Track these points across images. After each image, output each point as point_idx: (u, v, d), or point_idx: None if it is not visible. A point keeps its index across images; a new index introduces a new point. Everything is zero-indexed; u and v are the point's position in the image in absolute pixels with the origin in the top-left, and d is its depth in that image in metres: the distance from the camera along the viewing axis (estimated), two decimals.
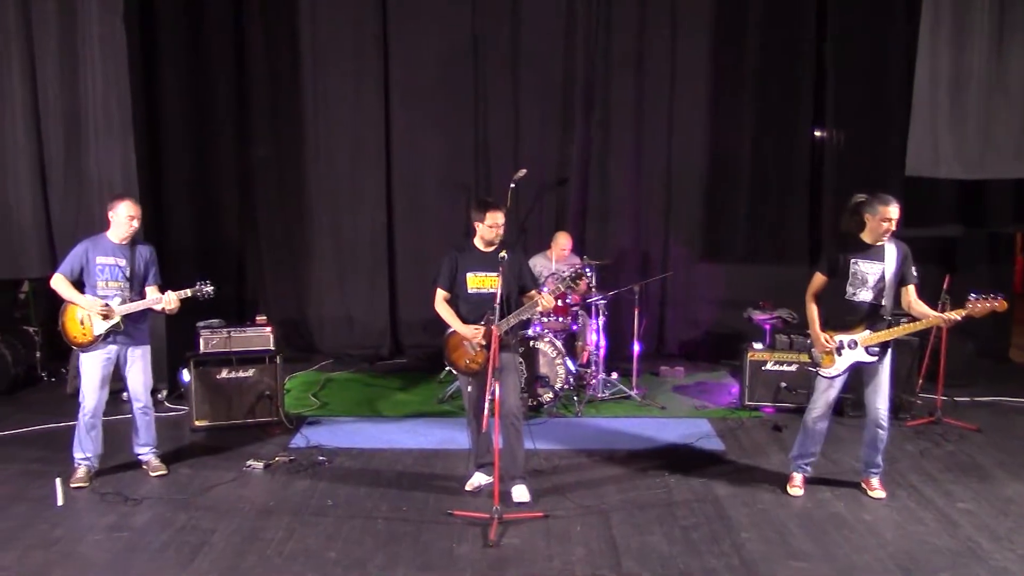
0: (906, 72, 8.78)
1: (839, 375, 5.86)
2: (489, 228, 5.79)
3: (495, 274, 5.72)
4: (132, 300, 6.12)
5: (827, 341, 5.82)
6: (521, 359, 6.07)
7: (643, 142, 10.20)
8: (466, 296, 5.89)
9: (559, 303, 8.02)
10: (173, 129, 9.78)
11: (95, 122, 8.46)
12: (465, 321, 5.85)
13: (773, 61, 9.98)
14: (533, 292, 5.92)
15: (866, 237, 5.76)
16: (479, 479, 6.08)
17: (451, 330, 5.92)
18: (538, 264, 8.73)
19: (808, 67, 9.94)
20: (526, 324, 5.99)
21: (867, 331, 5.73)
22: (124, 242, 6.13)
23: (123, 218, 6.08)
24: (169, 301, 6.11)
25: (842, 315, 5.81)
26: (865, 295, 5.74)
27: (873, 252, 5.73)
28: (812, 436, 6.00)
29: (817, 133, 10.03)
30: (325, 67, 10.16)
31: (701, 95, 10.11)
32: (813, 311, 5.94)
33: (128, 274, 6.13)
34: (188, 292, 6.23)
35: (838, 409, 7.47)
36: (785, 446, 6.71)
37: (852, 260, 5.75)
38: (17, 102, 8.41)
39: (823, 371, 5.91)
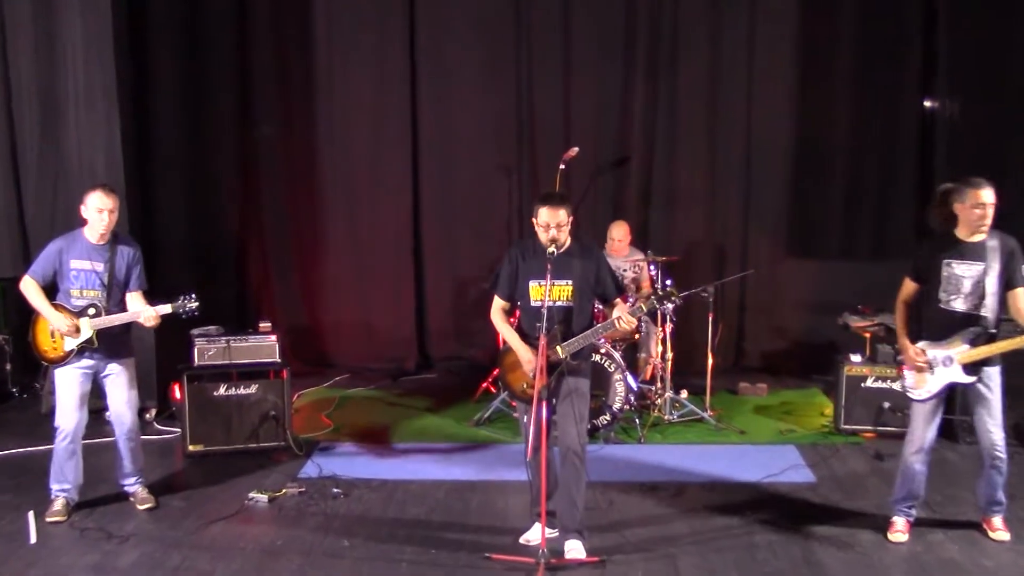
0: None
1: (931, 398, 5.75)
2: (542, 229, 5.51)
3: (564, 282, 5.51)
4: (110, 311, 6.14)
5: (917, 356, 5.75)
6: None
7: (718, 116, 10.17)
8: (528, 307, 5.67)
9: None
10: (164, 104, 9.84)
11: (74, 97, 8.57)
12: (525, 338, 5.64)
13: (874, 22, 9.86)
14: (618, 302, 5.64)
15: (960, 232, 5.63)
16: (536, 534, 5.63)
17: (507, 346, 5.79)
18: None
19: (916, 29, 9.80)
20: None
21: (965, 345, 5.61)
22: (103, 241, 6.15)
23: (93, 212, 6.07)
24: (148, 318, 6.13)
25: (936, 326, 5.71)
26: (961, 303, 5.61)
27: (970, 250, 5.59)
28: (913, 476, 5.87)
29: (927, 104, 9.89)
30: (341, 31, 10.22)
31: (787, 61, 10.05)
32: (901, 320, 5.88)
33: (106, 280, 6.14)
34: (168, 308, 6.21)
35: (952, 435, 7.38)
36: (888, 478, 6.61)
37: (944, 261, 5.63)
38: None
39: (912, 393, 5.83)
